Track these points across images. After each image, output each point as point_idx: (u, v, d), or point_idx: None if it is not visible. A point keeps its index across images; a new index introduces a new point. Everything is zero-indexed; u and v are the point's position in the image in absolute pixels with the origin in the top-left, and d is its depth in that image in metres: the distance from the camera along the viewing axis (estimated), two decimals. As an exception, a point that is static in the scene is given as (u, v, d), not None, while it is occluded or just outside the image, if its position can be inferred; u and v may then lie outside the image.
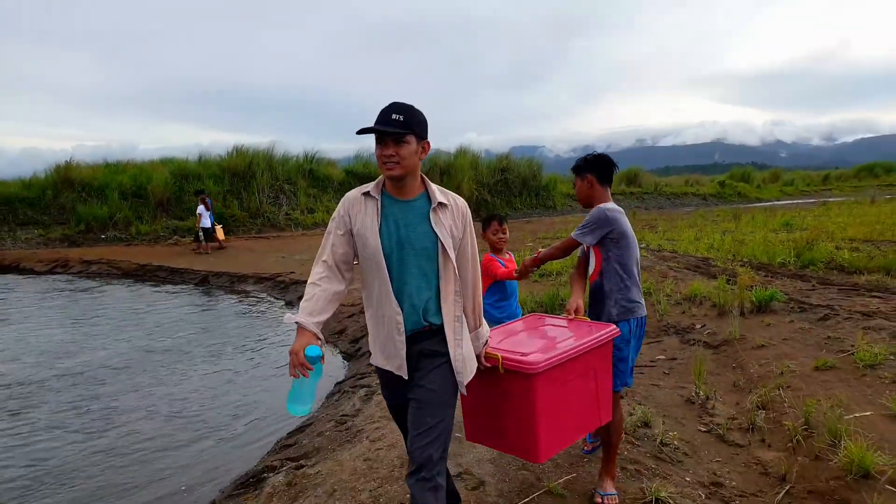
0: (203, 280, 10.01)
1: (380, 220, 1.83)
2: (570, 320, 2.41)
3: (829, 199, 24.39)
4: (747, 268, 7.25)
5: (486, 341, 2.06)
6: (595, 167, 2.52)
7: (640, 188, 28.11)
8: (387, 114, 1.79)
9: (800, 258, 7.74)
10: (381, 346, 1.88)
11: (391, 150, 1.78)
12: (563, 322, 2.42)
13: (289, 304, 8.13)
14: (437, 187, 1.90)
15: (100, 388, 4.70)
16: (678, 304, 5.85)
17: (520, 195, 22.80)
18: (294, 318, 1.78)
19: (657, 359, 4.50)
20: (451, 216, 1.88)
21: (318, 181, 19.54)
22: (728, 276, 6.51)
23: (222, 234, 13.50)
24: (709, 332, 4.92)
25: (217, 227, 13.34)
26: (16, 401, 4.45)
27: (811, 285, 6.17)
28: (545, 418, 2.00)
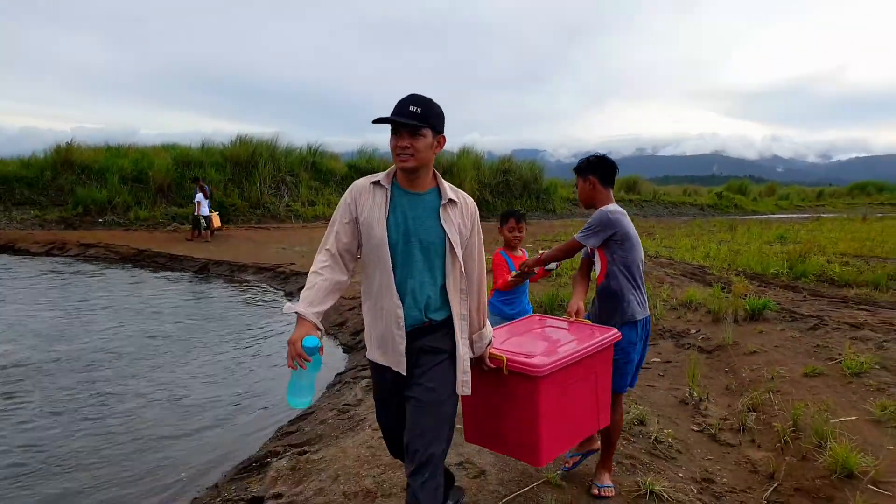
0: (203, 268, 10.04)
1: (388, 210, 1.80)
2: (571, 322, 2.39)
3: (822, 215, 24.68)
4: (742, 277, 7.40)
5: (491, 341, 2.01)
6: (597, 168, 2.50)
7: (640, 196, 28.32)
8: (404, 105, 1.76)
9: (792, 270, 7.91)
10: (379, 340, 1.84)
11: (406, 142, 1.75)
12: (565, 324, 2.41)
13: (289, 295, 8.18)
14: (448, 184, 1.88)
15: (97, 373, 4.60)
16: (674, 309, 5.97)
17: (520, 197, 22.92)
18: (293, 307, 1.74)
19: (652, 361, 4.61)
20: (461, 214, 1.86)
21: (320, 174, 19.53)
22: (723, 285, 6.65)
23: (218, 222, 13.43)
24: (703, 337, 5.04)
25: (213, 214, 13.30)
26: (12, 384, 4.30)
27: (802, 296, 6.32)
28: (548, 421, 1.98)
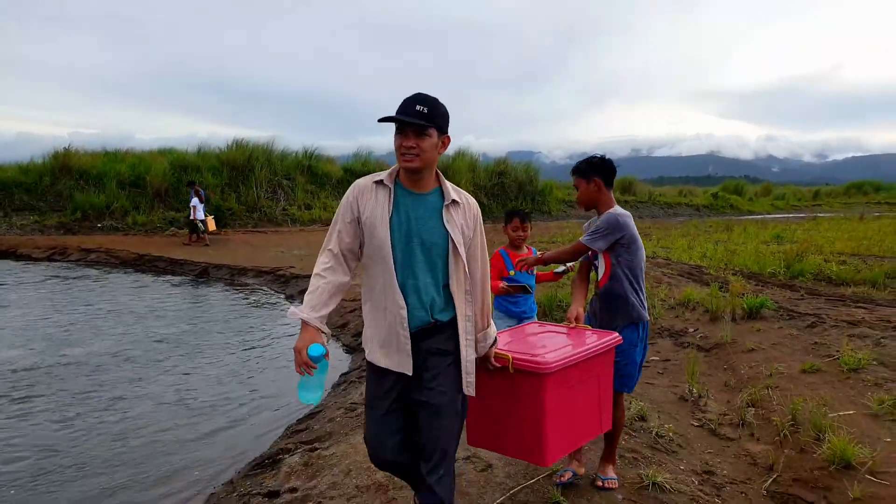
0: (203, 272, 10.08)
1: (391, 209, 1.78)
2: (571, 328, 2.39)
3: (819, 215, 24.86)
4: (739, 276, 7.48)
5: (495, 341, 2.01)
6: (600, 170, 2.50)
7: (635, 197, 28.50)
8: (411, 104, 1.74)
9: (789, 269, 8.00)
10: (381, 341, 1.81)
11: (412, 142, 1.74)
12: (564, 329, 2.42)
13: (290, 298, 8.23)
14: (450, 184, 1.87)
15: (107, 376, 4.67)
16: (672, 308, 6.04)
17: (516, 199, 23.02)
18: (298, 313, 1.75)
19: (651, 359, 4.68)
20: (464, 215, 1.85)
21: (316, 178, 19.56)
22: (720, 284, 6.72)
23: (213, 225, 13.47)
24: (701, 336, 5.11)
25: (208, 217, 13.33)
26: (24, 388, 4.37)
27: (800, 295, 6.40)
28: (553, 419, 1.99)
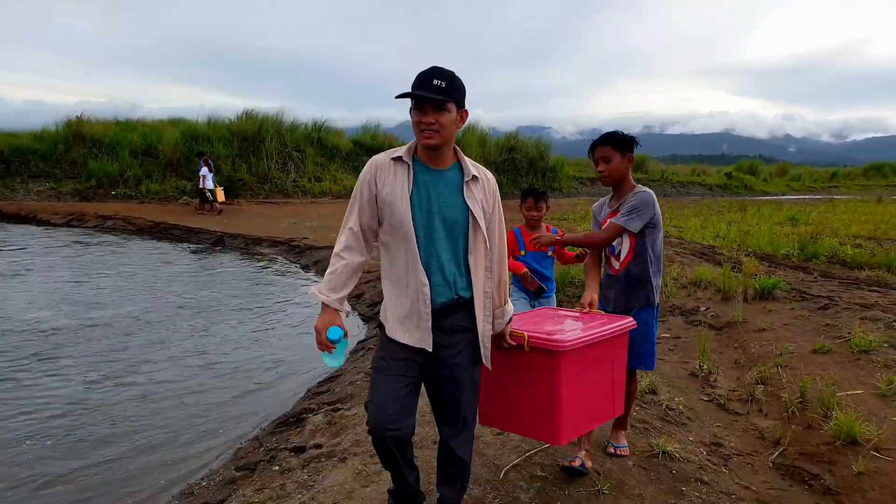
0: (218, 240, 10.25)
1: (411, 186, 1.75)
2: (585, 313, 2.36)
3: (835, 197, 24.52)
4: (752, 257, 7.49)
5: (511, 318, 1.98)
6: (632, 146, 2.44)
7: (647, 175, 28.14)
8: (428, 78, 1.67)
9: (803, 251, 7.97)
10: (402, 318, 1.78)
11: (431, 118, 1.68)
12: (578, 313, 2.39)
13: (305, 268, 8.40)
14: (469, 160, 1.84)
15: (132, 339, 4.84)
16: (684, 287, 6.09)
17: (526, 175, 22.86)
18: (318, 295, 1.77)
19: (662, 336, 4.75)
20: (483, 190, 1.83)
21: (325, 150, 19.49)
22: (733, 264, 6.74)
23: (222, 196, 13.58)
24: (713, 315, 5.17)
25: (217, 189, 13.44)
26: (53, 348, 4.53)
27: (813, 277, 6.41)
28: (568, 398, 1.99)
